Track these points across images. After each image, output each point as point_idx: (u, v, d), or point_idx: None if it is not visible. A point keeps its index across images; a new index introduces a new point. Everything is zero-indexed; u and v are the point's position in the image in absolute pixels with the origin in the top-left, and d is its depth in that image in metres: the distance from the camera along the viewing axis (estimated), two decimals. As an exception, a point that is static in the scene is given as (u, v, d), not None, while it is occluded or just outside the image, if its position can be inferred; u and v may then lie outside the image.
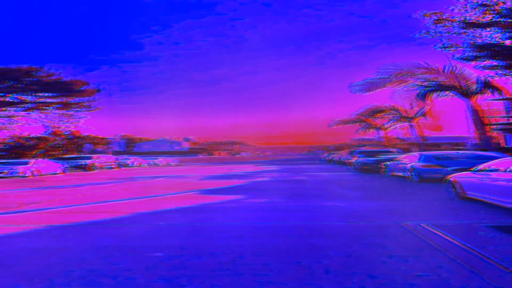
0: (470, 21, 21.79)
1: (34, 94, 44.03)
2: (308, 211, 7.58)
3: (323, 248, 4.54)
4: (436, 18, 22.62)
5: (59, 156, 39.46)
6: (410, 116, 36.97)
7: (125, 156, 45.51)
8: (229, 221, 6.61)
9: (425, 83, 25.72)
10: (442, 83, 25.06)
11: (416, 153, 15.93)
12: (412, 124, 37.27)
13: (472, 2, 21.08)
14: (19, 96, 43.24)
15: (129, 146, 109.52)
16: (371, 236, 5.15)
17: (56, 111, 45.69)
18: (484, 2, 20.78)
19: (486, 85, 23.31)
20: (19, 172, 22.28)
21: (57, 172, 25.55)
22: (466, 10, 21.63)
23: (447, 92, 25.04)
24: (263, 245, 4.76)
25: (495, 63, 23.90)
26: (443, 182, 9.95)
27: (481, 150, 21.49)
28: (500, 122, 30.50)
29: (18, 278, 3.65)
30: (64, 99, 45.37)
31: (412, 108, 36.12)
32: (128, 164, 38.27)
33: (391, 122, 42.94)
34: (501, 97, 25.26)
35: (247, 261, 4.05)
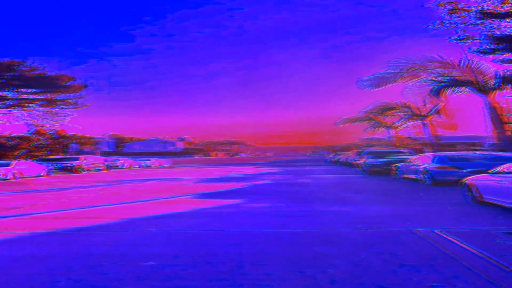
0: (488, 11, 21.77)
1: (16, 90, 44.14)
2: (312, 217, 7.59)
3: (328, 256, 4.55)
4: (451, 7, 22.60)
5: (43, 157, 39.51)
6: (422, 113, 36.93)
7: (115, 157, 45.51)
8: (227, 228, 6.62)
9: (439, 78, 25.72)
10: (457, 78, 25.06)
11: (429, 154, 15.94)
12: (425, 122, 37.24)
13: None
14: (-1, 92, 43.32)
15: (119, 146, 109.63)
16: (380, 243, 5.16)
17: (40, 109, 45.85)
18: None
19: (505, 80, 23.28)
20: (0, 175, 22.29)
21: (41, 174, 25.57)
22: (483, -1, 21.64)
23: (463, 87, 25.03)
24: (264, 253, 4.77)
25: (515, 57, 23.91)
26: (459, 185, 9.96)
27: (500, 150, 21.46)
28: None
29: (-1, 289, 3.66)
30: (49, 96, 45.49)
31: (425, 105, 36.05)
32: (117, 166, 38.26)
33: (402, 120, 42.86)
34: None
35: (247, 271, 4.06)
